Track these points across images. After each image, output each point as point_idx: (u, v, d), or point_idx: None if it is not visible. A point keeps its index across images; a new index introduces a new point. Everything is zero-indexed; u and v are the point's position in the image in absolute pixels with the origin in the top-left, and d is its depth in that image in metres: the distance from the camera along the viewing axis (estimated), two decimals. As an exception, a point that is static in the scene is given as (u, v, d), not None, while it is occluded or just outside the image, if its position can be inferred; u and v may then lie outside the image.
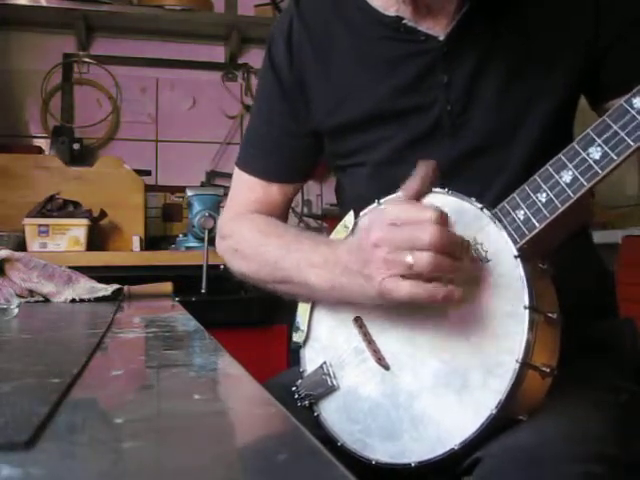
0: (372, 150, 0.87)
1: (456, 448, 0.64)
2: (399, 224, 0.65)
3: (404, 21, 0.82)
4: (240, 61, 2.63)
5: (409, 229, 0.64)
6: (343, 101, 0.87)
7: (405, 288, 0.64)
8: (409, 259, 0.63)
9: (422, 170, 0.70)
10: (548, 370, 0.65)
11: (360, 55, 0.86)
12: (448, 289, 0.63)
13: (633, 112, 0.62)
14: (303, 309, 0.85)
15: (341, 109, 0.87)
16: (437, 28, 0.82)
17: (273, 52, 0.93)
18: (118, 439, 0.35)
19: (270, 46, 0.93)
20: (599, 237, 1.64)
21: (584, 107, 0.88)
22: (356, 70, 0.87)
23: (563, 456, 0.62)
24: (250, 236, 0.89)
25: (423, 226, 0.63)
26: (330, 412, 0.79)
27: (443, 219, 0.64)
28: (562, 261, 0.69)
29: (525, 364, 0.63)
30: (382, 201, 0.79)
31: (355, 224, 0.81)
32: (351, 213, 0.82)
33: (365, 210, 0.81)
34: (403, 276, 0.64)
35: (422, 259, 0.62)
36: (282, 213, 0.98)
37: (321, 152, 0.95)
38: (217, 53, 2.62)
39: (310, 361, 0.83)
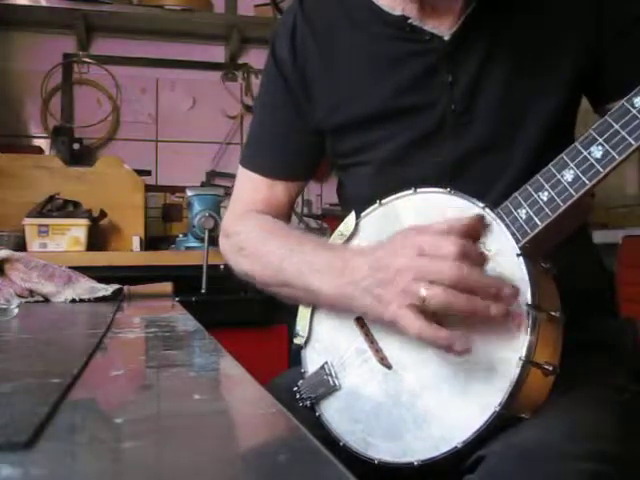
0: (375, 149, 0.86)
1: (459, 446, 0.64)
2: (425, 254, 0.65)
3: (409, 20, 0.82)
4: (240, 61, 2.63)
5: (432, 260, 0.63)
6: (346, 99, 0.87)
7: (415, 326, 0.63)
8: (423, 292, 0.63)
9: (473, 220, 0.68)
10: (550, 368, 0.65)
11: (364, 53, 0.86)
12: (452, 338, 0.61)
13: (634, 111, 0.62)
14: (303, 314, 0.85)
15: (344, 107, 0.87)
16: (442, 28, 0.82)
17: (277, 48, 0.93)
18: (118, 439, 0.35)
19: (274, 43, 0.93)
20: (599, 237, 1.63)
21: (587, 108, 0.88)
22: (360, 68, 0.87)
23: (566, 454, 0.62)
24: (255, 235, 0.89)
25: (445, 259, 0.62)
26: (332, 412, 0.78)
27: (470, 254, 0.63)
28: (563, 262, 0.69)
29: (528, 362, 0.63)
30: (384, 201, 0.79)
31: (357, 224, 0.81)
32: (349, 217, 0.82)
33: (367, 210, 0.81)
34: (417, 308, 0.64)
35: (435, 295, 0.62)
36: (286, 213, 0.98)
37: (324, 151, 0.95)
38: (217, 53, 2.62)
39: (311, 361, 0.83)
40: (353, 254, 0.74)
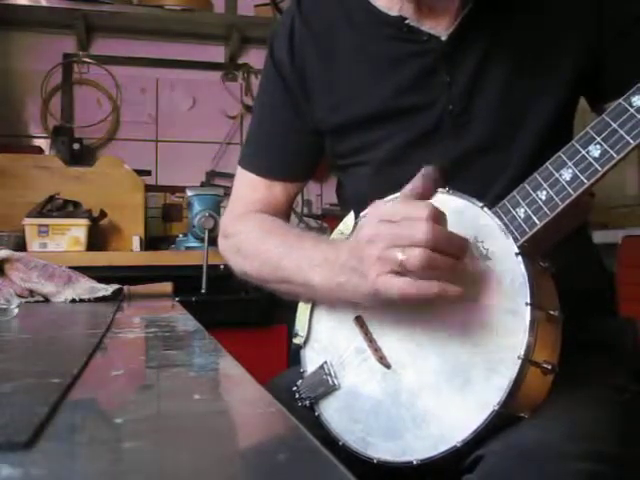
0: (374, 149, 0.87)
1: (458, 445, 0.64)
2: (394, 220, 0.65)
3: (407, 21, 0.82)
4: (240, 61, 2.63)
5: (403, 225, 0.63)
6: (345, 100, 0.87)
7: (396, 285, 0.63)
8: (400, 255, 0.62)
9: (425, 171, 0.69)
10: (549, 367, 0.65)
11: (363, 54, 0.87)
12: (441, 286, 0.62)
13: (632, 110, 0.62)
14: (302, 313, 0.85)
15: (343, 107, 0.87)
16: (439, 28, 0.82)
17: (275, 49, 0.93)
18: (118, 439, 0.35)
19: (272, 43, 0.94)
20: (599, 237, 1.64)
21: (585, 107, 0.88)
22: (359, 69, 0.87)
23: (565, 454, 0.62)
24: (253, 235, 0.89)
25: (417, 222, 0.62)
26: (331, 412, 0.78)
27: (438, 216, 0.63)
28: (562, 261, 0.69)
29: (527, 361, 0.63)
30: (383, 201, 0.79)
31: (355, 224, 0.81)
32: (349, 216, 0.82)
33: (366, 210, 0.81)
34: (397, 274, 0.64)
35: (413, 255, 0.62)
36: (285, 213, 0.98)
37: (323, 151, 0.95)
38: (217, 53, 2.62)
39: (311, 361, 0.83)
40: (339, 244, 0.75)
